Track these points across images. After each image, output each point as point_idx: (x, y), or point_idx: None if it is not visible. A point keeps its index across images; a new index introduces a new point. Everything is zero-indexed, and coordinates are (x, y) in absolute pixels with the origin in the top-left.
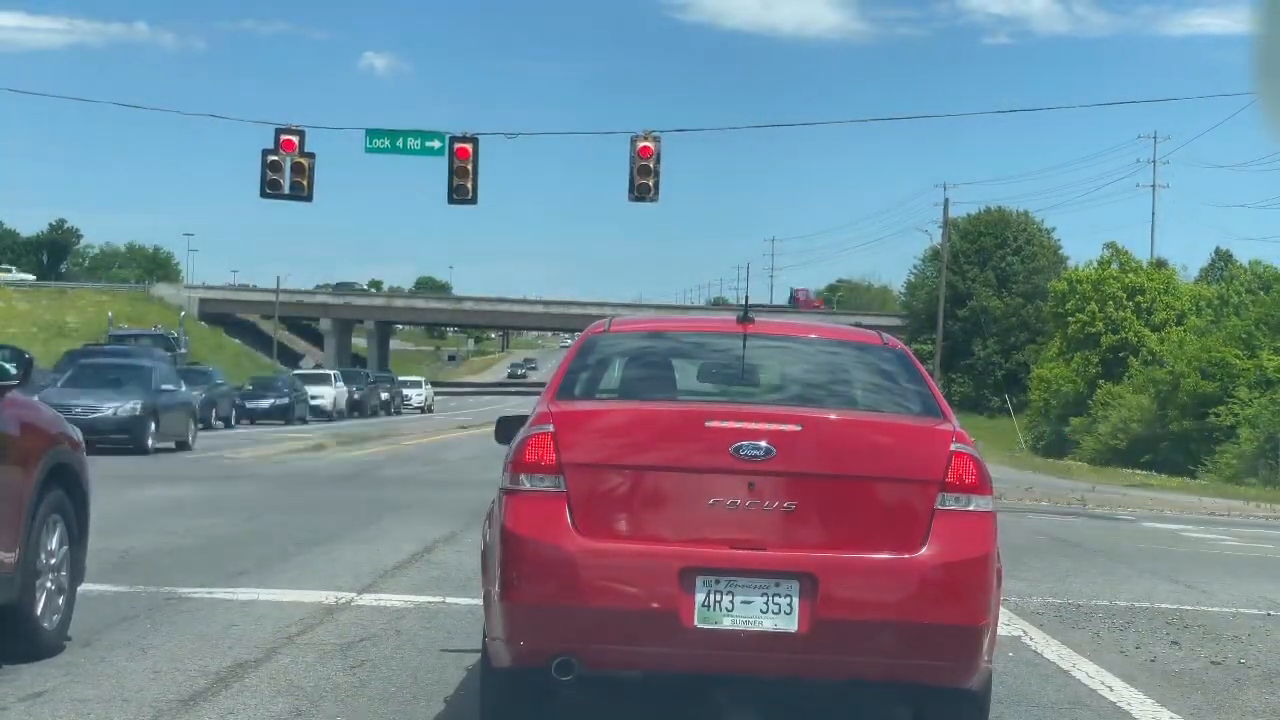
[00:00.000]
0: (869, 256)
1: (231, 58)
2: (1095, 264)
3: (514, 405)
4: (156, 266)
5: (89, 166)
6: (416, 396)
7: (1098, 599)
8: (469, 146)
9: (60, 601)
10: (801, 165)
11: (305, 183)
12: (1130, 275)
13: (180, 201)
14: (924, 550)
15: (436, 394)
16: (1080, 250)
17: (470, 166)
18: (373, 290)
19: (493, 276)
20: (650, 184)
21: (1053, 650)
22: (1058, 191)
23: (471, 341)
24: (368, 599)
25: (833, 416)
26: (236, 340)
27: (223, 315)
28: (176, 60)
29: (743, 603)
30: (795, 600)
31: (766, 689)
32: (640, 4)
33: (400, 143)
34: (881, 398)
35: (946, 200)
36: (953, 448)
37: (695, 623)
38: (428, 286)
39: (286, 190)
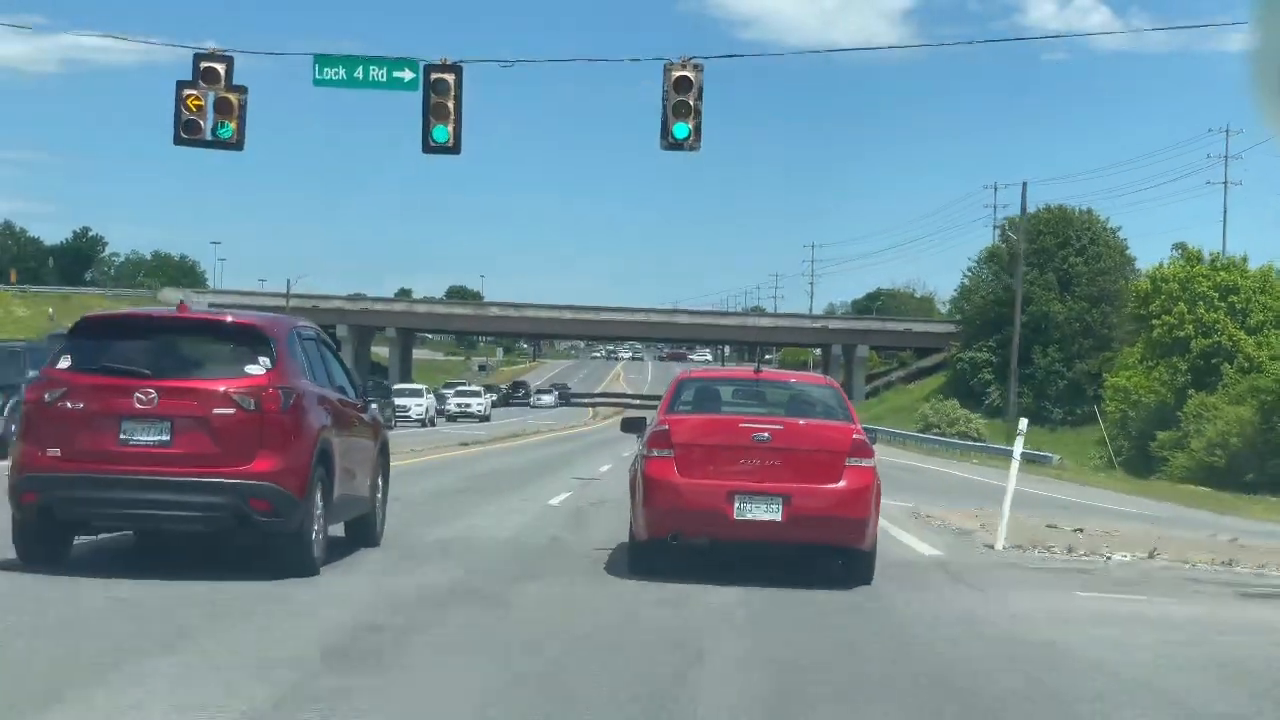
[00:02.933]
0: (913, 263)
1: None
2: (1181, 259)
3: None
4: (182, 275)
5: (117, 175)
6: (415, 408)
7: None
8: (449, 78)
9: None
10: (849, 171)
11: (234, 124)
12: (1222, 273)
13: (211, 212)
14: (840, 483)
15: (571, 402)
16: (1144, 252)
17: (451, 105)
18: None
19: (527, 289)
20: (690, 126)
21: None
22: (1119, 192)
23: (500, 351)
24: None
25: (800, 421)
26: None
27: None
28: (240, 78)
29: (755, 507)
30: (780, 507)
31: (765, 550)
32: (704, 22)
33: (360, 73)
34: (821, 411)
35: (1025, 184)
36: (854, 436)
37: (734, 517)
38: (458, 296)
39: (208, 134)
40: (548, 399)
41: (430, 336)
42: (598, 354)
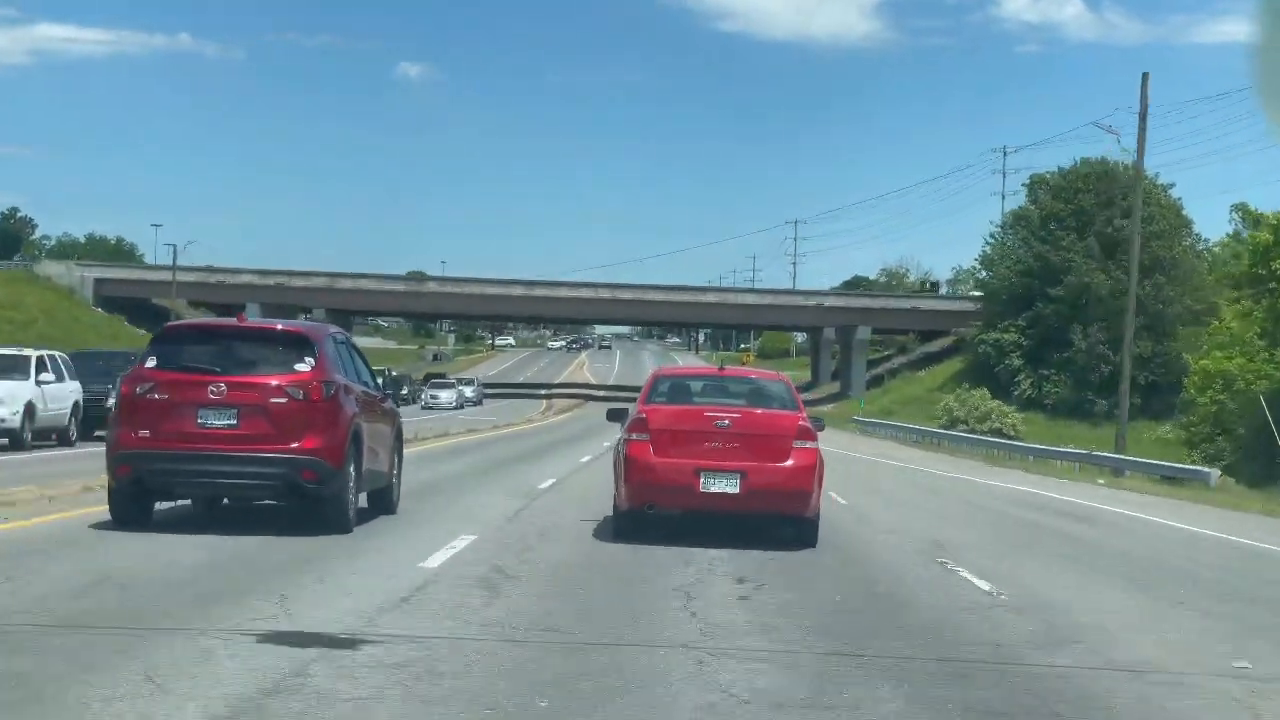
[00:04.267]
0: (903, 242)
1: (270, 68)
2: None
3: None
4: (118, 258)
5: (77, 164)
6: None
7: None
8: None
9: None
10: (828, 154)
11: None
12: None
13: (162, 198)
14: (788, 462)
15: (485, 401)
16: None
17: None
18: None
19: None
20: None
21: None
22: (1156, 149)
23: (451, 339)
24: None
25: (756, 410)
26: (143, 330)
27: (131, 301)
28: (215, 69)
29: (717, 482)
30: (738, 482)
31: (725, 519)
32: (682, 15)
33: None
34: (774, 402)
35: (1145, 75)
36: (799, 422)
37: (700, 489)
38: (414, 280)
39: None
40: (446, 396)
41: (384, 324)
42: (558, 343)
